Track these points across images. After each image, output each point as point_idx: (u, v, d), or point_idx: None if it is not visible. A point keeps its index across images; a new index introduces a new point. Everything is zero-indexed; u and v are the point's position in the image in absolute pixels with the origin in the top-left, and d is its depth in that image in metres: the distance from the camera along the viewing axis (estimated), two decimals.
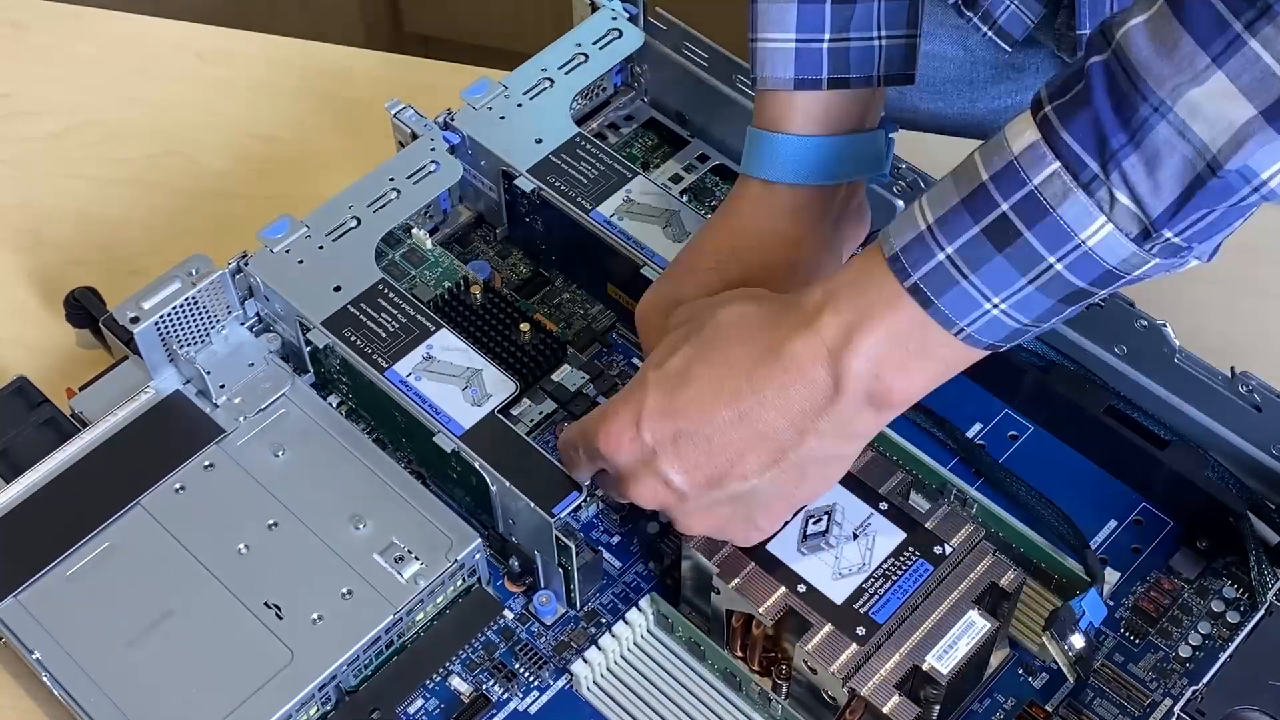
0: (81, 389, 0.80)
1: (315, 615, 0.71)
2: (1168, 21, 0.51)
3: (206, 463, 0.77)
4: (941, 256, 0.57)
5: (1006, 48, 0.88)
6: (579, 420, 0.70)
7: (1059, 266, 0.56)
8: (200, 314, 0.78)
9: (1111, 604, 0.74)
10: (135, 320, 0.76)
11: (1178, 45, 0.51)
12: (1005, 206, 0.56)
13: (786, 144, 0.72)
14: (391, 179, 0.83)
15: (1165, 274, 0.57)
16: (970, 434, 0.80)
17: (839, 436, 0.63)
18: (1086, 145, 0.53)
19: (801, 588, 0.69)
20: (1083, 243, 0.55)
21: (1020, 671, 0.73)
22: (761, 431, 0.63)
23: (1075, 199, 0.54)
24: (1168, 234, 0.54)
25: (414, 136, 0.86)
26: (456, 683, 0.73)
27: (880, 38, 0.72)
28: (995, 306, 0.57)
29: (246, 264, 0.80)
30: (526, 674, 0.73)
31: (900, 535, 0.70)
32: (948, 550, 0.70)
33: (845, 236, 0.76)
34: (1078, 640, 0.69)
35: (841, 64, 0.72)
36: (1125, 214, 0.54)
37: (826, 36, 0.71)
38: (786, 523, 0.70)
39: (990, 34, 0.88)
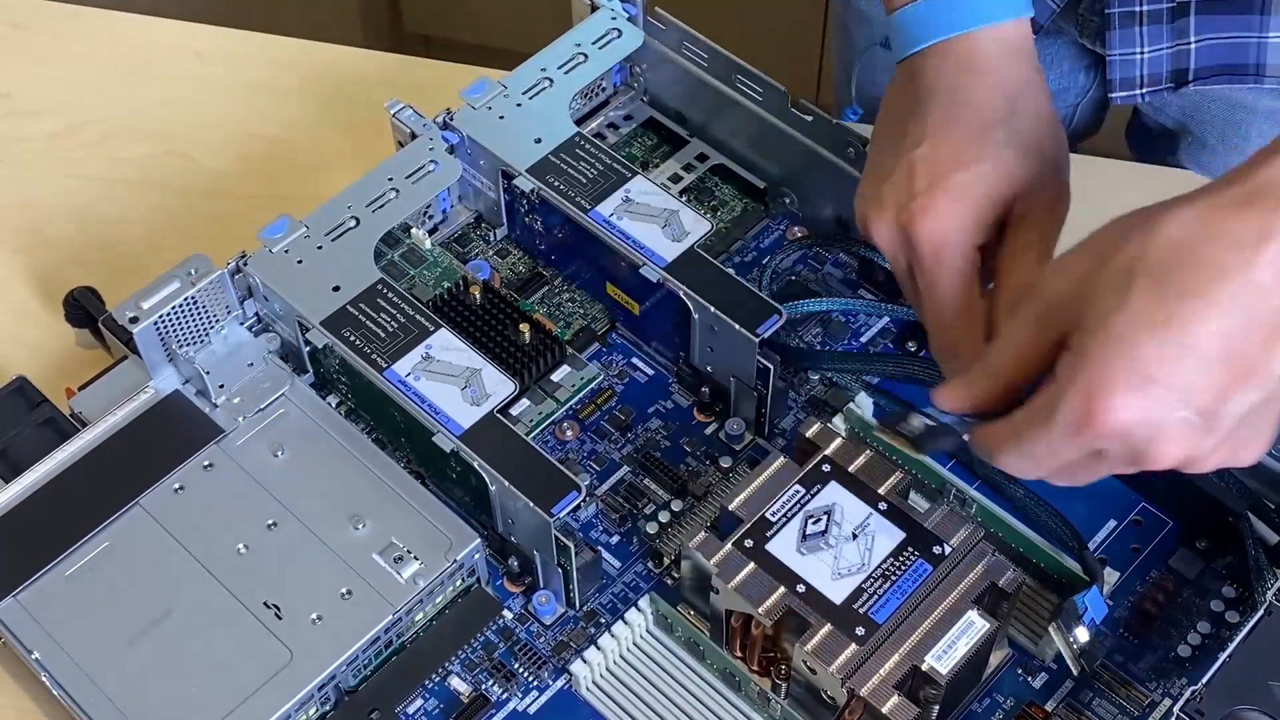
0: (81, 389, 0.80)
1: (314, 615, 0.71)
2: None
3: (206, 463, 0.77)
4: None
5: None
6: (1034, 416, 0.59)
7: None
8: (199, 314, 0.78)
9: (1111, 604, 0.74)
10: (134, 320, 0.76)
11: None
12: None
13: None
14: (390, 179, 0.83)
15: None
16: None
17: None
18: None
19: (801, 588, 0.69)
20: None
21: (1019, 671, 0.73)
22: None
23: None
24: None
25: (413, 136, 0.86)
26: (456, 683, 0.73)
27: None
28: None
29: (246, 264, 0.80)
30: (526, 674, 0.73)
31: (899, 535, 0.70)
32: (947, 550, 0.70)
33: None
34: (1082, 633, 0.69)
35: None
36: None
37: None
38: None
39: None
